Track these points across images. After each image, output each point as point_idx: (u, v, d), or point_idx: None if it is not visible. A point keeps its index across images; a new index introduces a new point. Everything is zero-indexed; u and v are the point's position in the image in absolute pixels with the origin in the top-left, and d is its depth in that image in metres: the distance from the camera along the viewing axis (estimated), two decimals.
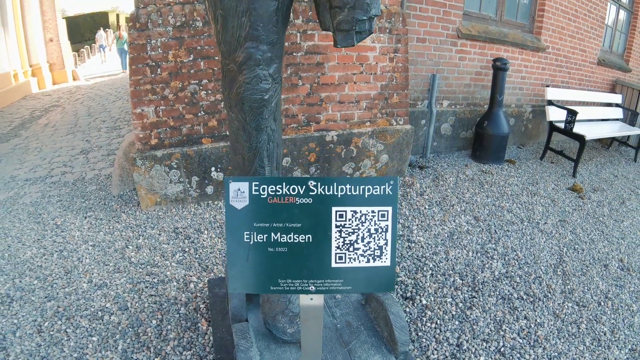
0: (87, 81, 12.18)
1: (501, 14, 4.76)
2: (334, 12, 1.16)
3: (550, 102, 4.76)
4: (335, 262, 0.95)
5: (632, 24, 7.39)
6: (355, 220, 0.93)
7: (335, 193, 0.91)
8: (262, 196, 0.90)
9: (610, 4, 6.58)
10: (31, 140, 5.68)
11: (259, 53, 1.17)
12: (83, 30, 28.95)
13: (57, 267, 2.41)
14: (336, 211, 0.92)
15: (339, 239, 0.94)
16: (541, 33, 5.13)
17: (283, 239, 0.92)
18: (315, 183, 0.89)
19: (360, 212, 0.93)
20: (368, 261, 0.95)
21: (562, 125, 4.68)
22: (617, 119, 6.02)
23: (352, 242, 0.94)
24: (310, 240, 0.92)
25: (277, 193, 0.90)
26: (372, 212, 0.92)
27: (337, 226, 0.93)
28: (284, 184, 0.89)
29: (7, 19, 10.03)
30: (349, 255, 0.95)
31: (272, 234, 0.92)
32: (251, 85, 1.20)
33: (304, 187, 0.89)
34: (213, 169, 3.08)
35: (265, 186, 0.90)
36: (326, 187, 0.90)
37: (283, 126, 3.19)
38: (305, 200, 0.90)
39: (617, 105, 6.20)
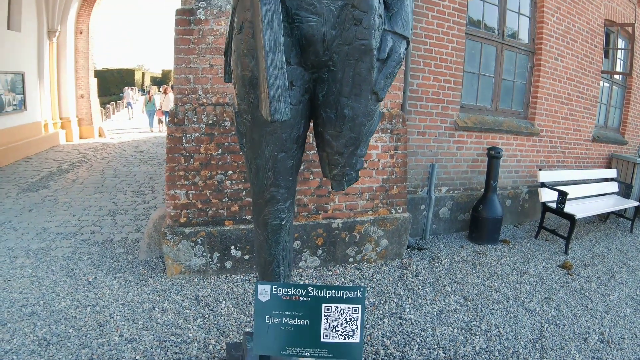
0: (113, 139, 13.31)
1: (496, 104, 5.48)
2: (330, 167, 1.81)
3: (543, 184, 5.31)
4: (323, 338, 1.54)
5: (626, 98, 8.10)
6: (337, 312, 1.53)
7: (325, 295, 1.52)
8: (278, 295, 1.51)
9: (603, 82, 7.31)
10: (60, 194, 6.40)
11: (279, 195, 1.81)
12: (110, 85, 31.07)
13: (91, 320, 2.91)
14: (325, 306, 1.53)
15: (326, 323, 1.53)
16: (535, 118, 5.82)
17: (290, 322, 1.52)
18: (312, 288, 1.50)
19: (340, 307, 1.53)
20: (345, 339, 1.54)
21: (554, 206, 5.18)
22: (613, 193, 6.51)
23: (334, 326, 1.54)
24: (308, 323, 1.52)
25: (288, 293, 1.51)
26: (348, 307, 1.52)
27: (325, 316, 1.53)
28: (292, 288, 1.50)
29: (44, 72, 11.31)
30: (332, 334, 1.54)
31: (284, 318, 1.52)
32: (273, 215, 1.83)
33: (305, 290, 1.50)
34: (233, 247, 3.67)
35: (281, 289, 1.51)
36: (319, 291, 1.51)
37: (295, 214, 3.79)
38: (306, 299, 1.50)
39: (612, 179, 6.71)
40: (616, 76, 7.92)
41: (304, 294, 1.51)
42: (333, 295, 1.52)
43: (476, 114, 5.25)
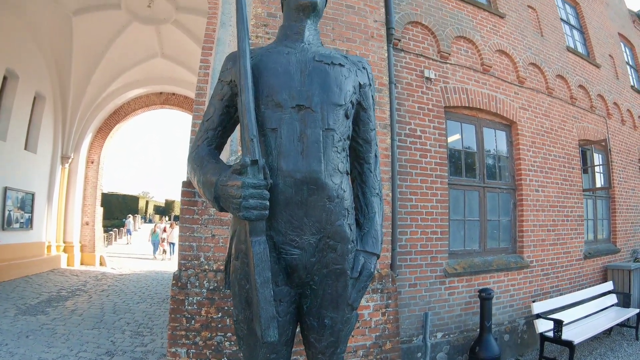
0: (113, 269, 13.34)
1: (484, 245, 5.71)
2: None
3: (539, 316, 5.33)
4: None
5: (612, 208, 8.39)
6: None
7: None
8: None
9: (586, 200, 7.57)
10: (58, 324, 6.35)
11: None
12: (114, 209, 31.89)
13: None
14: None
15: None
16: (523, 251, 6.02)
17: None
18: None
19: None
20: None
21: (552, 335, 5.14)
22: (612, 305, 6.50)
23: None
24: None
25: None
26: None
27: None
28: None
29: (54, 195, 11.82)
30: None
31: None
32: None
33: None
34: None
35: None
36: None
37: None
38: None
39: (609, 292, 6.73)
40: (598, 188, 8.21)
41: None
42: None
43: (465, 258, 5.43)
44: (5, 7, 8.55)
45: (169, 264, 16.05)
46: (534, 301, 5.59)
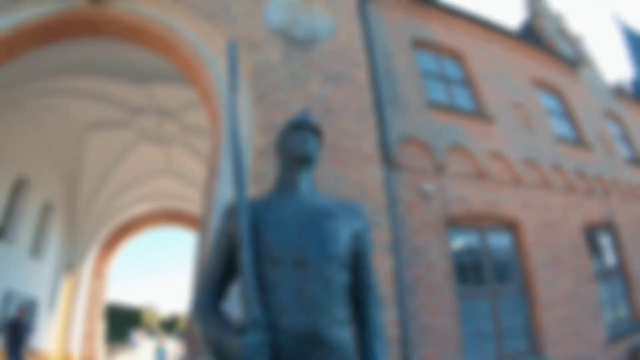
0: None
1: (502, 352, 5.50)
2: None
3: None
4: None
5: (629, 284, 8.04)
6: None
7: None
8: None
9: (600, 283, 7.34)
10: None
11: None
12: (118, 320, 31.26)
13: None
14: None
15: None
16: (543, 350, 5.75)
17: None
18: None
19: None
20: None
21: None
22: None
23: None
24: None
25: None
26: None
27: None
28: None
29: (56, 304, 11.55)
30: None
31: None
32: None
33: None
34: None
35: None
36: None
37: None
38: None
39: None
40: (610, 268, 8.06)
41: None
42: None
43: None
44: (22, 117, 9.04)
45: None
46: None
